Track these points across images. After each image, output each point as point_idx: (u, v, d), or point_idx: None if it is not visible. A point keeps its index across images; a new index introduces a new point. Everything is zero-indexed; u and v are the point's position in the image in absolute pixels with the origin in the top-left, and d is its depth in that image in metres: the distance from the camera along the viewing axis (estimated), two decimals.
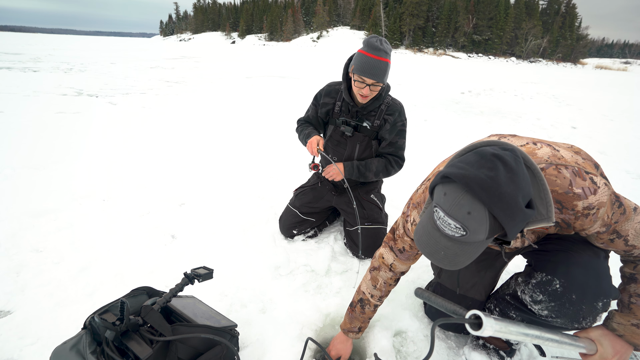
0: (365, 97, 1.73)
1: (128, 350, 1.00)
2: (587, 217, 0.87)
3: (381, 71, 1.64)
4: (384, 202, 2.12)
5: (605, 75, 26.35)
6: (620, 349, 0.92)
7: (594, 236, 0.95)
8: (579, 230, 0.93)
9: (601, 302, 0.95)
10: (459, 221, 0.74)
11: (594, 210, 0.86)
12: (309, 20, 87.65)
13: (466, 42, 66.52)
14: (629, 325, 0.92)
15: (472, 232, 0.75)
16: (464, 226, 0.74)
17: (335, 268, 1.87)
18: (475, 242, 0.77)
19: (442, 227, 0.78)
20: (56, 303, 1.55)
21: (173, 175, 3.07)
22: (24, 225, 2.13)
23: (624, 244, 0.92)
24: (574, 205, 0.86)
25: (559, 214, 0.90)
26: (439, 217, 0.78)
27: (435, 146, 4.33)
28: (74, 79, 8.84)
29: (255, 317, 1.51)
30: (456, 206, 0.74)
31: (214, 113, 5.79)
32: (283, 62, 19.80)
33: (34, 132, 4.12)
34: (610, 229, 0.90)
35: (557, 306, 0.98)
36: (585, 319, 0.98)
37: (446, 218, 0.76)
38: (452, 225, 0.76)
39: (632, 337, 0.91)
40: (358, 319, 1.30)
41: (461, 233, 0.76)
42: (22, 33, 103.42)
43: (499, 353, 1.32)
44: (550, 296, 0.99)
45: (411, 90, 9.85)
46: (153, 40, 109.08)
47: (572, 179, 0.86)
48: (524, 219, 0.75)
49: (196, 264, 1.82)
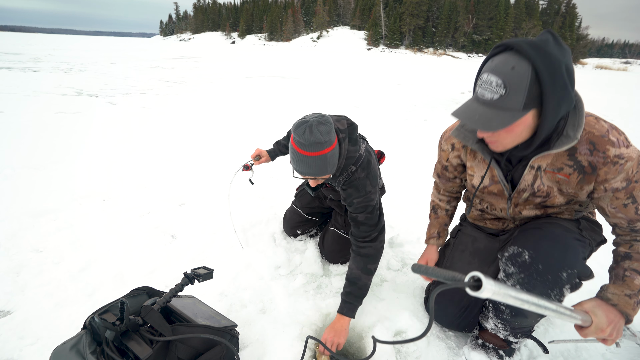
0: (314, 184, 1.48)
1: (128, 350, 1.01)
2: (614, 165, 0.92)
3: (319, 168, 1.32)
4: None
5: (603, 75, 26.35)
6: (614, 318, 0.95)
7: (609, 197, 0.98)
8: (601, 182, 0.97)
9: (565, 273, 1.00)
10: (501, 76, 0.82)
11: (623, 161, 0.91)
12: (309, 20, 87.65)
13: (466, 42, 66.52)
14: (622, 296, 0.97)
15: (511, 90, 0.82)
16: (504, 82, 0.82)
17: (335, 268, 1.86)
18: (511, 108, 0.83)
19: (481, 93, 0.87)
20: (56, 303, 1.55)
21: (173, 175, 3.07)
22: (24, 225, 2.13)
23: (635, 211, 0.96)
24: (606, 149, 0.92)
25: (588, 156, 0.95)
26: (482, 81, 0.87)
27: (435, 146, 4.32)
28: (74, 79, 8.84)
29: (255, 317, 1.51)
30: (502, 63, 0.82)
31: (214, 113, 5.79)
32: (283, 62, 19.80)
33: (34, 132, 4.12)
34: (630, 186, 0.94)
35: (526, 277, 1.04)
36: (553, 290, 1.02)
37: (489, 77, 0.84)
38: (493, 83, 0.84)
39: (624, 307, 0.96)
40: (434, 225, 1.50)
41: (500, 93, 0.83)
42: (22, 33, 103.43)
43: (498, 352, 1.32)
44: (520, 267, 1.04)
45: (411, 90, 9.85)
46: (153, 40, 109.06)
47: (609, 129, 0.94)
48: (564, 89, 0.82)
49: (196, 264, 1.82)
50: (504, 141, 0.97)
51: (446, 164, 1.37)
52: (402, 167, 3.42)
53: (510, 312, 1.16)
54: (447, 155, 1.33)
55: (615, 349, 1.38)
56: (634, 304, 0.95)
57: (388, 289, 1.68)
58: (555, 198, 1.09)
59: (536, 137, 0.95)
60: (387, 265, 1.88)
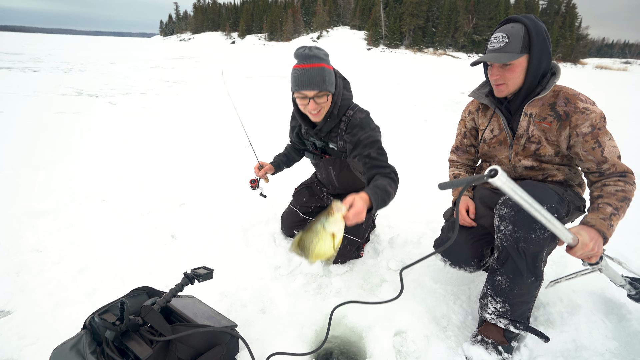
0: (316, 114, 1.54)
1: (128, 350, 1.01)
2: (582, 114, 1.28)
3: (317, 78, 1.43)
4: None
5: (604, 75, 26.33)
6: (595, 236, 1.19)
7: (581, 141, 1.30)
8: (574, 127, 1.30)
9: (546, 206, 1.20)
10: (505, 32, 1.29)
11: (588, 112, 1.28)
12: (309, 20, 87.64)
13: (466, 42, 66.49)
14: (598, 219, 1.22)
15: (511, 39, 1.27)
16: (507, 35, 1.28)
17: (335, 268, 1.86)
18: (512, 51, 1.28)
19: (492, 45, 1.32)
20: (56, 303, 1.55)
21: (173, 175, 3.07)
22: (24, 225, 2.13)
23: (601, 154, 1.29)
24: (576, 102, 1.30)
25: (563, 107, 1.32)
26: (492, 39, 1.33)
27: (435, 146, 4.32)
28: (73, 79, 8.85)
29: (255, 317, 1.50)
30: (505, 27, 1.31)
31: (214, 113, 5.79)
32: (283, 62, 19.80)
33: (34, 132, 4.12)
34: (594, 132, 1.28)
35: (517, 214, 1.26)
36: (537, 223, 1.21)
37: (497, 34, 1.31)
38: (499, 36, 1.30)
39: (601, 226, 1.20)
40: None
41: (505, 41, 1.28)
42: (22, 33, 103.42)
43: (497, 348, 1.34)
44: (510, 207, 1.28)
45: (411, 90, 9.86)
46: (153, 40, 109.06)
47: (580, 93, 1.33)
48: (544, 42, 1.28)
49: (196, 264, 1.81)
50: (509, 82, 1.33)
51: (464, 131, 1.68)
52: (402, 167, 3.42)
53: (508, 278, 1.31)
54: (465, 122, 1.66)
55: (615, 349, 1.39)
56: (607, 225, 1.21)
57: (388, 289, 1.68)
58: (545, 148, 1.39)
59: (526, 80, 1.33)
60: (387, 266, 1.88)
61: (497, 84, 1.37)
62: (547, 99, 1.37)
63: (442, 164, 3.64)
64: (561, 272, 1.81)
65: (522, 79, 1.34)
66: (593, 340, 1.41)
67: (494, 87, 1.40)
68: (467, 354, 1.35)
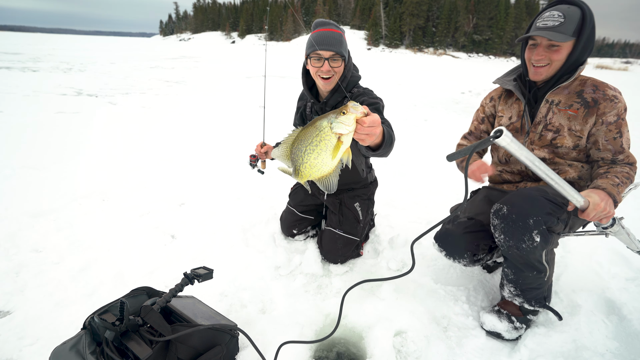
0: (327, 79, 1.59)
1: (128, 350, 1.00)
2: (611, 102, 1.30)
3: (335, 40, 1.54)
4: (370, 212, 2.02)
5: (603, 75, 26.33)
6: (605, 197, 1.23)
7: (604, 130, 1.33)
8: (601, 115, 1.32)
9: (532, 220, 1.23)
10: (561, 11, 1.28)
11: (617, 100, 1.31)
12: (309, 20, 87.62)
13: (466, 42, 66.48)
14: (608, 183, 1.27)
15: (567, 19, 1.26)
16: (564, 14, 1.27)
17: (335, 268, 1.86)
18: (565, 32, 1.26)
19: (544, 23, 1.29)
20: (56, 303, 1.55)
21: (173, 175, 3.07)
22: (23, 225, 2.13)
23: (620, 144, 1.33)
24: (605, 89, 1.33)
25: (592, 94, 1.33)
26: (545, 16, 1.30)
27: (435, 146, 4.32)
28: (73, 79, 8.84)
29: (255, 317, 1.50)
30: (561, 6, 1.29)
31: (214, 113, 5.79)
32: (283, 62, 19.79)
33: (33, 132, 4.12)
34: (618, 122, 1.32)
35: (506, 226, 1.29)
36: (525, 235, 1.24)
37: (552, 12, 1.29)
38: (555, 15, 1.28)
39: (611, 189, 1.25)
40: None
41: (561, 21, 1.27)
42: (22, 33, 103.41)
43: (510, 318, 1.44)
44: (500, 219, 1.31)
45: (411, 90, 9.85)
46: (153, 40, 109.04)
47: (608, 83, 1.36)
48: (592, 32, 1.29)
49: (196, 264, 1.81)
50: (552, 64, 1.33)
51: (482, 116, 1.68)
52: (403, 167, 3.42)
53: (511, 271, 1.39)
54: (484, 108, 1.67)
55: (615, 350, 1.38)
56: (617, 189, 1.26)
57: (388, 289, 1.67)
58: (564, 138, 1.38)
59: (564, 65, 1.33)
60: (387, 266, 1.88)
61: (539, 65, 1.35)
62: (574, 87, 1.37)
63: (442, 164, 3.65)
64: (561, 273, 1.81)
65: (562, 64, 1.33)
66: (593, 341, 1.41)
67: (533, 69, 1.38)
68: (482, 320, 1.48)
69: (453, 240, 1.51)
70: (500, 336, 1.42)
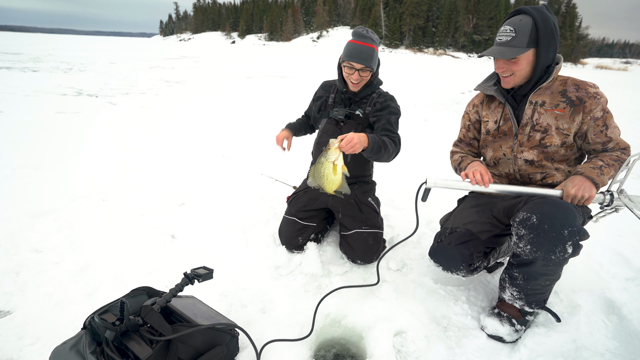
0: (356, 84, 1.80)
1: (128, 350, 1.00)
2: (595, 99, 1.34)
3: (368, 56, 1.72)
4: (379, 206, 2.07)
5: (604, 75, 26.33)
6: (578, 182, 1.27)
7: (592, 125, 1.36)
8: (588, 112, 1.35)
9: (566, 230, 1.18)
10: (512, 25, 1.31)
11: (599, 97, 1.34)
12: (309, 20, 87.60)
13: (466, 42, 66.46)
14: (587, 167, 1.32)
15: (518, 33, 1.29)
16: (515, 28, 1.30)
17: (335, 269, 1.86)
18: (518, 46, 1.30)
19: (499, 38, 1.34)
20: (56, 303, 1.55)
21: (173, 175, 3.07)
22: (23, 225, 2.13)
23: (606, 134, 1.37)
24: (586, 88, 1.36)
25: (575, 92, 1.36)
26: (500, 31, 1.35)
27: (435, 146, 4.32)
28: (73, 79, 8.85)
29: (255, 317, 1.50)
30: (513, 19, 1.32)
31: (214, 113, 5.79)
32: (283, 62, 19.80)
33: (33, 132, 4.12)
34: (604, 116, 1.36)
35: (535, 237, 1.22)
36: (557, 247, 1.19)
37: (505, 27, 1.33)
38: (507, 30, 1.32)
39: (589, 173, 1.29)
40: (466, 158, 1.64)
41: (512, 35, 1.30)
42: (22, 33, 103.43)
43: (510, 320, 1.44)
44: (529, 229, 1.24)
45: (411, 90, 9.85)
46: (153, 40, 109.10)
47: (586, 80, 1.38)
48: (552, 35, 1.30)
49: (196, 264, 1.81)
50: (515, 74, 1.37)
51: (468, 124, 1.69)
52: (403, 167, 3.42)
53: (523, 277, 1.36)
54: (469, 116, 1.68)
55: (615, 349, 1.38)
56: (597, 173, 1.29)
57: (388, 289, 1.67)
58: (552, 137, 1.40)
59: (534, 72, 1.37)
60: (387, 266, 1.88)
61: (504, 75, 1.41)
62: (556, 87, 1.40)
63: (442, 164, 3.65)
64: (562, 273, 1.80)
65: (530, 71, 1.37)
66: (593, 340, 1.41)
67: (501, 79, 1.44)
68: (483, 324, 1.47)
69: (446, 254, 1.49)
70: (502, 340, 1.42)
